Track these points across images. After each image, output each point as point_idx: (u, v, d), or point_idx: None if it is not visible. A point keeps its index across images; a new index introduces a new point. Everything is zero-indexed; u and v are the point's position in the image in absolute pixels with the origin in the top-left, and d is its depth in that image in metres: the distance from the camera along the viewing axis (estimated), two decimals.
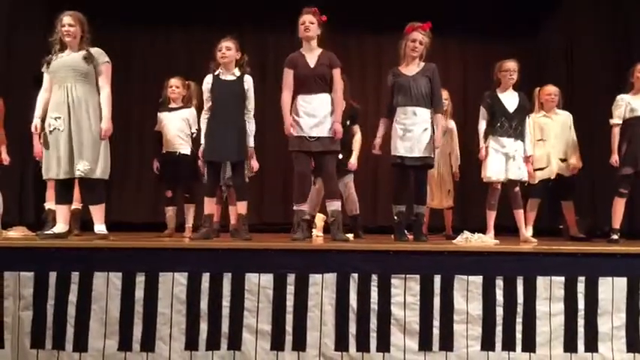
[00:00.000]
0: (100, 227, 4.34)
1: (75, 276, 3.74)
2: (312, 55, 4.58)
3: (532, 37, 7.61)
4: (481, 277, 3.84)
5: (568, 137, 5.61)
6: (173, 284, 3.76)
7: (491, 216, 4.95)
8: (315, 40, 4.58)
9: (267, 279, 3.79)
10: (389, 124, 4.85)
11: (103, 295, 3.73)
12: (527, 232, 5.12)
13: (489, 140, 4.95)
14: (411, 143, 4.66)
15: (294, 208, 4.61)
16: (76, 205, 4.91)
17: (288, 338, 3.75)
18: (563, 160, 5.56)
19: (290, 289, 3.78)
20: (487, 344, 3.80)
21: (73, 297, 3.72)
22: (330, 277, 3.80)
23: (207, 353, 3.73)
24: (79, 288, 3.73)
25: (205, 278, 3.77)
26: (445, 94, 5.66)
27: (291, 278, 3.79)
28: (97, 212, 4.36)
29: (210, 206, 4.77)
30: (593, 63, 6.81)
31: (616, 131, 5.13)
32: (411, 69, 4.76)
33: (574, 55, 7.32)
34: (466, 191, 6.83)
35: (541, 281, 3.85)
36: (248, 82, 4.74)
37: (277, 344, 3.74)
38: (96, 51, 4.38)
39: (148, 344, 3.72)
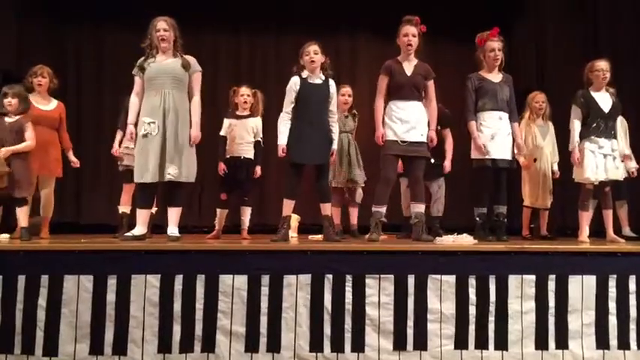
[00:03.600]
0: (173, 229, 4.40)
1: (44, 279, 3.67)
2: (409, 64, 4.71)
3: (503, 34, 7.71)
4: (454, 276, 3.87)
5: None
6: (145, 286, 3.72)
7: (585, 217, 5.05)
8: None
9: (241, 280, 3.77)
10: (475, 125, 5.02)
11: (73, 299, 3.67)
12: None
13: (585, 141, 4.99)
14: (499, 146, 4.93)
15: (374, 209, 4.64)
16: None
17: (263, 340, 3.74)
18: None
19: (264, 290, 3.77)
20: (460, 343, 3.83)
21: (42, 301, 3.66)
22: (305, 278, 3.79)
23: (180, 356, 3.70)
24: (49, 291, 3.67)
25: (178, 280, 3.74)
26: (542, 96, 5.91)
27: (265, 279, 3.78)
28: (174, 215, 4.45)
29: (288, 208, 4.66)
30: (562, 59, 6.92)
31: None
32: (494, 76, 5.06)
33: (544, 52, 7.43)
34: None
35: (513, 280, 3.90)
36: (333, 85, 4.75)
37: (252, 346, 3.73)
38: (191, 59, 4.52)
39: (120, 348, 3.67)
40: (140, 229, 4.41)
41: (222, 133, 5.51)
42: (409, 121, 4.61)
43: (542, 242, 5.13)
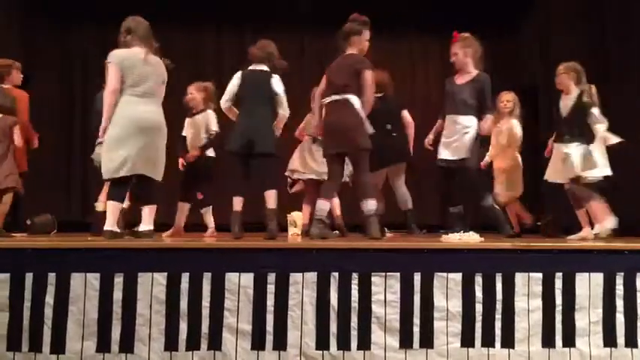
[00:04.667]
0: (146, 227, 4.49)
1: (52, 277, 3.68)
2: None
3: (509, 35, 7.71)
4: (460, 274, 3.86)
5: None
6: (152, 284, 3.72)
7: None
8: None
9: (248, 278, 3.77)
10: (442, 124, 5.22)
11: (80, 297, 3.68)
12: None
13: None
14: (448, 147, 5.12)
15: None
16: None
17: (269, 338, 3.73)
18: None
19: (270, 288, 3.77)
20: (467, 341, 3.82)
21: (49, 298, 3.67)
22: (311, 276, 3.79)
23: (187, 354, 3.70)
24: (56, 289, 3.67)
25: (185, 278, 3.74)
26: (510, 96, 5.93)
27: (271, 277, 3.77)
28: (150, 212, 4.52)
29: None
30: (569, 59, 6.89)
31: None
32: (461, 78, 5.19)
33: (550, 52, 7.41)
34: None
35: (519, 278, 3.89)
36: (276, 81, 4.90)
37: (258, 344, 3.73)
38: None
39: (126, 345, 3.67)
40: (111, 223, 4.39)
41: (183, 133, 5.60)
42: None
43: (549, 240, 5.10)
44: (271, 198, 4.76)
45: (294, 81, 7.35)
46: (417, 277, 3.83)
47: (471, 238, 4.35)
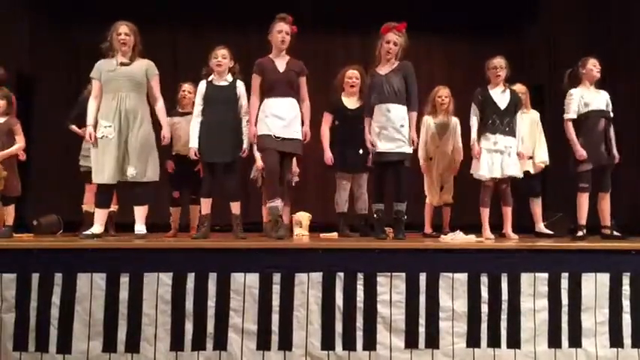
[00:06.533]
0: (140, 227, 4.47)
1: (58, 277, 3.70)
2: (281, 61, 4.72)
3: (515, 34, 7.68)
4: (466, 274, 3.86)
5: (535, 135, 5.65)
6: (158, 284, 3.73)
7: (485, 213, 4.99)
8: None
9: (253, 278, 3.77)
10: (370, 122, 4.84)
11: (86, 297, 3.70)
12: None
13: (480, 139, 4.98)
14: (387, 140, 4.69)
15: (269, 205, 4.62)
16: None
17: (275, 338, 3.74)
18: (530, 158, 5.58)
19: (276, 288, 3.78)
20: (472, 341, 3.82)
21: (56, 298, 3.69)
22: (316, 276, 3.80)
23: (192, 354, 3.71)
24: (63, 289, 3.70)
25: (190, 278, 3.75)
26: (446, 91, 5.75)
27: (277, 278, 3.78)
28: (140, 213, 4.52)
29: (206, 206, 4.81)
30: (574, 58, 6.87)
31: (570, 126, 5.00)
32: (385, 68, 4.80)
33: (555, 51, 7.39)
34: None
35: (525, 278, 3.88)
36: (240, 87, 4.86)
37: (263, 344, 3.73)
38: (149, 63, 4.59)
39: (132, 345, 3.69)
40: (98, 227, 4.47)
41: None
42: (284, 118, 4.60)
43: (555, 240, 5.08)
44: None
45: None
46: (423, 278, 3.84)
47: (464, 239, 4.36)
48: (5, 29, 6.66)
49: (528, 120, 5.58)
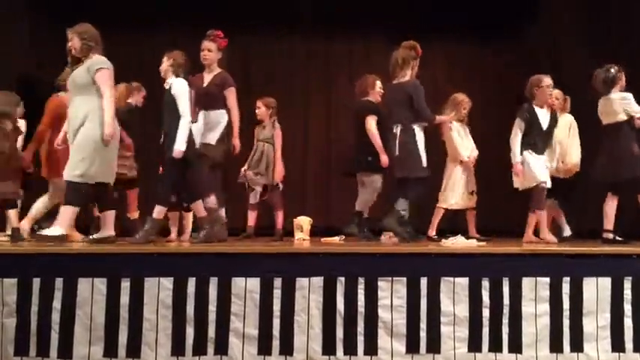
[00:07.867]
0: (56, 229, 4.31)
1: (59, 282, 3.69)
2: (208, 75, 5.09)
3: (515, 34, 7.66)
4: (467, 278, 3.85)
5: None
6: (159, 289, 3.73)
7: (544, 216, 5.13)
8: (215, 63, 5.07)
9: (254, 283, 3.77)
10: None
11: (87, 301, 3.69)
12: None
13: (525, 151, 5.10)
14: None
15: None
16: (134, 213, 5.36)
17: (276, 342, 3.74)
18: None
19: (277, 293, 3.77)
20: (474, 346, 3.82)
21: (57, 303, 3.68)
22: (317, 281, 3.79)
23: (193, 358, 3.71)
24: (64, 294, 3.68)
25: (191, 283, 3.75)
26: (464, 96, 5.82)
27: (278, 282, 3.78)
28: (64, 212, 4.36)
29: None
30: (577, 63, 6.86)
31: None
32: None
33: (557, 56, 7.37)
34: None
35: (527, 282, 3.88)
36: (174, 87, 4.68)
37: (264, 349, 3.73)
38: (95, 59, 4.39)
39: (133, 350, 3.68)
40: (59, 229, 4.31)
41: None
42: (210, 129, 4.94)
43: (556, 244, 5.07)
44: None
45: (297, 82, 7.39)
46: (424, 282, 3.83)
47: (464, 243, 4.37)
48: (5, 29, 6.64)
49: (563, 123, 5.63)
